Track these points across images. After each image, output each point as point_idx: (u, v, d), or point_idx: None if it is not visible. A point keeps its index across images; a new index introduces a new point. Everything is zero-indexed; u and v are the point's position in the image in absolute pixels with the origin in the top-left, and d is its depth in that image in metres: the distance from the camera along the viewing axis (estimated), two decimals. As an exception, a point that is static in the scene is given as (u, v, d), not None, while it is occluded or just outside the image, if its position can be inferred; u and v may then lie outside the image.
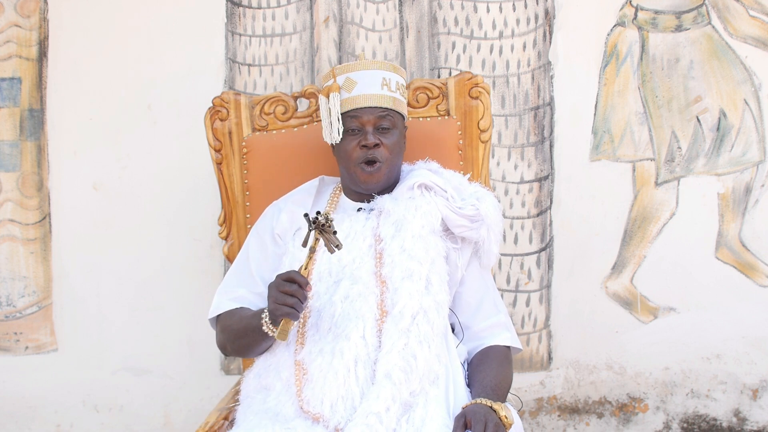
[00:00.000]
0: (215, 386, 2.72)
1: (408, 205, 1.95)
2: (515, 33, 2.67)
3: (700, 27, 2.66)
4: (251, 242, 2.09)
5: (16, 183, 2.70)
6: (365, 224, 1.97)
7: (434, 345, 1.83)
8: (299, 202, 2.07)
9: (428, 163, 2.07)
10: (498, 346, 1.97)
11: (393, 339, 1.80)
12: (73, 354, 2.74)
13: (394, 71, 2.05)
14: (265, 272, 2.01)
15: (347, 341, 1.80)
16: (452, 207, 1.96)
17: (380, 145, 1.97)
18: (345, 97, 2.00)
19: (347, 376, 1.77)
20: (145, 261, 2.71)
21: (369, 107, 1.98)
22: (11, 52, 2.68)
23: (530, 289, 2.73)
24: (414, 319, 1.82)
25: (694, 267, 2.71)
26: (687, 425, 2.76)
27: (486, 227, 1.95)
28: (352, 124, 1.98)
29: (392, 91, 2.02)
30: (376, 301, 1.86)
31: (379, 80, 2.01)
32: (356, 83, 2.00)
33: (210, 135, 2.30)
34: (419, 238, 1.90)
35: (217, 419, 1.94)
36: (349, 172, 2.02)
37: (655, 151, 2.68)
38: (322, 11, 2.68)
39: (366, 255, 1.92)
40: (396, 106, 2.02)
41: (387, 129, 1.99)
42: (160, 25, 2.66)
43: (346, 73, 2.02)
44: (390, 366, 1.77)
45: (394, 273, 1.87)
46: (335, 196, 2.09)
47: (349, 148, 1.99)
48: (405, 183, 2.00)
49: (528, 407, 2.75)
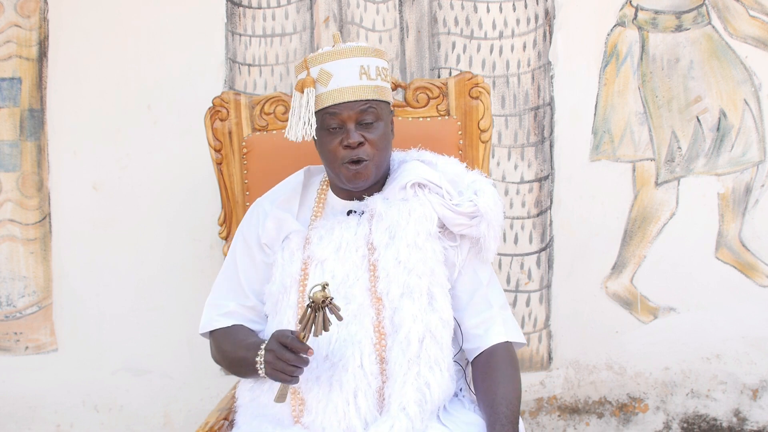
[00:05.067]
0: (215, 386, 2.72)
1: (401, 209, 1.82)
2: (515, 33, 2.67)
3: (700, 27, 2.66)
4: (238, 250, 1.96)
5: (16, 183, 2.70)
6: (357, 231, 1.83)
7: (446, 366, 1.76)
8: (285, 206, 1.93)
9: (421, 152, 1.94)
10: (498, 348, 1.83)
11: (403, 369, 1.72)
12: (73, 354, 2.74)
13: (374, 55, 1.84)
14: (254, 283, 1.92)
15: (345, 372, 1.71)
16: (449, 205, 1.82)
17: (365, 142, 1.80)
18: (321, 91, 1.80)
19: (347, 409, 1.70)
20: (145, 261, 2.71)
21: (348, 102, 1.79)
22: (11, 52, 2.68)
23: (530, 289, 2.73)
24: (422, 343, 1.73)
25: (694, 267, 2.71)
26: (687, 425, 2.76)
27: (486, 223, 1.82)
28: (332, 121, 1.80)
29: (372, 79, 1.81)
30: (372, 323, 1.76)
31: (356, 69, 1.80)
32: (332, 75, 1.79)
33: (210, 135, 2.30)
34: (414, 247, 1.78)
35: (217, 419, 1.94)
36: (334, 173, 1.85)
37: (655, 151, 2.68)
38: (322, 11, 2.68)
39: (359, 268, 1.80)
40: (379, 95, 1.82)
41: (370, 123, 1.81)
42: (160, 25, 2.66)
43: (320, 64, 1.81)
44: (405, 400, 1.70)
45: (391, 289, 1.77)
46: (322, 193, 1.94)
47: (332, 147, 1.81)
48: (397, 181, 1.86)
49: (528, 407, 2.75)
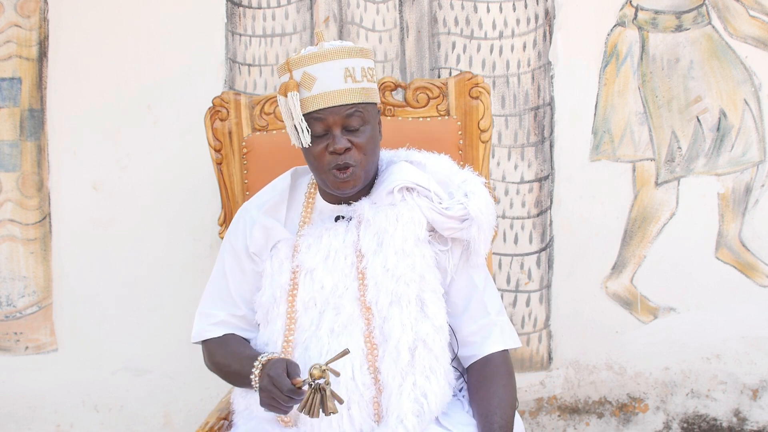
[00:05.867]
0: (215, 386, 2.71)
1: (389, 214, 1.78)
2: (515, 33, 2.67)
3: (700, 27, 2.66)
4: (227, 258, 1.92)
5: (16, 183, 2.70)
6: (345, 238, 1.80)
7: (442, 373, 1.74)
8: (272, 212, 1.89)
9: (409, 152, 1.89)
10: (494, 358, 1.81)
11: (397, 379, 1.71)
12: (73, 354, 2.74)
13: (360, 55, 1.77)
14: (245, 293, 1.89)
15: (337, 385, 1.68)
16: (438, 209, 1.77)
17: (351, 147, 1.75)
18: (305, 96, 1.74)
19: (341, 422, 1.70)
20: (146, 261, 2.71)
21: (333, 107, 1.74)
22: (11, 52, 2.68)
23: (530, 289, 2.73)
24: (413, 352, 1.72)
25: (694, 267, 2.71)
26: (687, 425, 2.75)
27: (476, 226, 1.77)
28: (317, 127, 1.75)
29: (357, 81, 1.75)
30: (362, 333, 1.74)
31: (341, 72, 1.74)
32: (315, 79, 1.73)
33: (210, 135, 2.30)
34: (402, 253, 1.75)
35: (217, 419, 1.94)
36: (320, 178, 1.81)
37: (655, 151, 2.68)
38: (322, 11, 2.68)
39: (348, 276, 1.78)
40: (365, 98, 1.76)
41: (357, 128, 1.76)
42: (160, 25, 2.66)
43: (302, 67, 1.75)
44: (403, 412, 1.68)
45: (380, 298, 1.74)
46: (310, 197, 1.91)
47: (317, 152, 1.76)
48: (384, 185, 1.81)
49: (528, 407, 2.75)
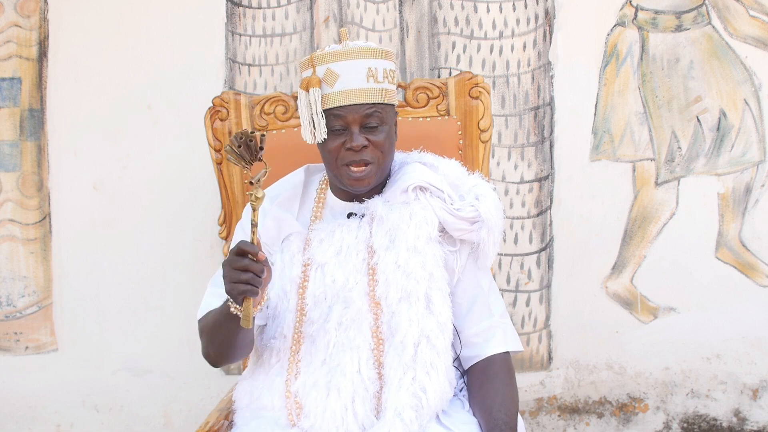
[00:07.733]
0: (215, 386, 2.72)
1: (402, 212, 1.80)
2: (515, 33, 2.67)
3: (700, 27, 2.66)
4: None
5: (16, 183, 2.70)
6: (357, 234, 1.82)
7: (442, 370, 1.75)
8: (285, 205, 1.91)
9: (422, 154, 1.92)
10: (496, 359, 1.83)
11: (399, 373, 1.72)
12: (73, 354, 2.74)
13: (383, 57, 1.80)
14: None
15: (343, 377, 1.71)
16: (450, 209, 1.81)
17: (368, 145, 1.78)
18: (327, 92, 1.77)
19: (345, 415, 1.71)
20: (146, 261, 2.71)
21: (354, 104, 1.77)
22: (11, 52, 2.68)
23: (530, 289, 2.73)
24: (417, 347, 1.73)
25: (694, 267, 2.71)
26: (687, 425, 2.76)
27: (486, 228, 1.81)
28: (336, 123, 1.77)
29: (379, 82, 1.78)
30: (370, 328, 1.76)
31: (364, 71, 1.77)
32: (339, 76, 1.76)
33: (210, 135, 2.30)
34: (414, 251, 1.78)
35: (217, 419, 1.94)
36: (334, 174, 1.83)
37: (655, 151, 2.68)
38: (322, 11, 2.68)
39: (359, 271, 1.80)
40: (385, 99, 1.80)
41: (375, 127, 1.78)
42: (160, 25, 2.66)
43: (326, 64, 1.78)
44: (400, 405, 1.69)
45: (389, 293, 1.76)
46: (321, 193, 1.93)
47: (333, 148, 1.79)
48: (398, 184, 1.84)
49: (528, 407, 2.75)
